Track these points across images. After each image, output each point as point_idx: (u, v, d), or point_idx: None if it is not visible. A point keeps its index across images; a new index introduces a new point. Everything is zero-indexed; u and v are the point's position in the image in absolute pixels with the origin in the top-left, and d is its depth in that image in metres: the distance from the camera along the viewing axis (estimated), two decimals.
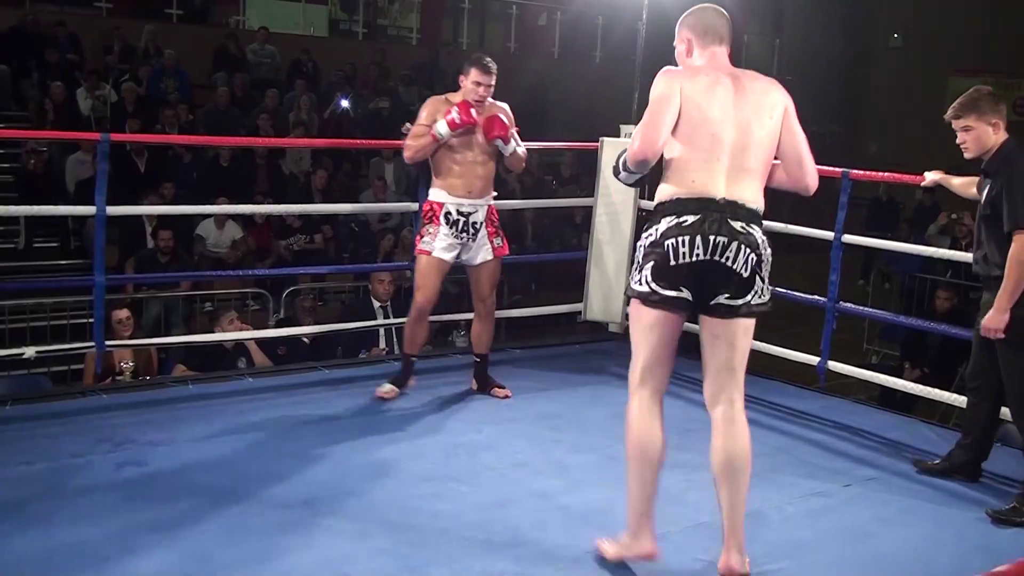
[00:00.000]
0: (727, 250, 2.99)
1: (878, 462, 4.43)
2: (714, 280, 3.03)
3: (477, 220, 4.83)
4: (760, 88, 3.15)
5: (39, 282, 8.76)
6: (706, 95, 3.07)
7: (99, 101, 11.34)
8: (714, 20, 3.25)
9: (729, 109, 3.07)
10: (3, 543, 3.18)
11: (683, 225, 3.00)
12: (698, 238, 2.99)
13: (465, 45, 16.80)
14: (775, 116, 3.13)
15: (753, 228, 3.04)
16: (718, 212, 3.00)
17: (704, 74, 3.13)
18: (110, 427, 4.31)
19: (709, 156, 3.04)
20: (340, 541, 3.33)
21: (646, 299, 3.08)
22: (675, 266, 3.01)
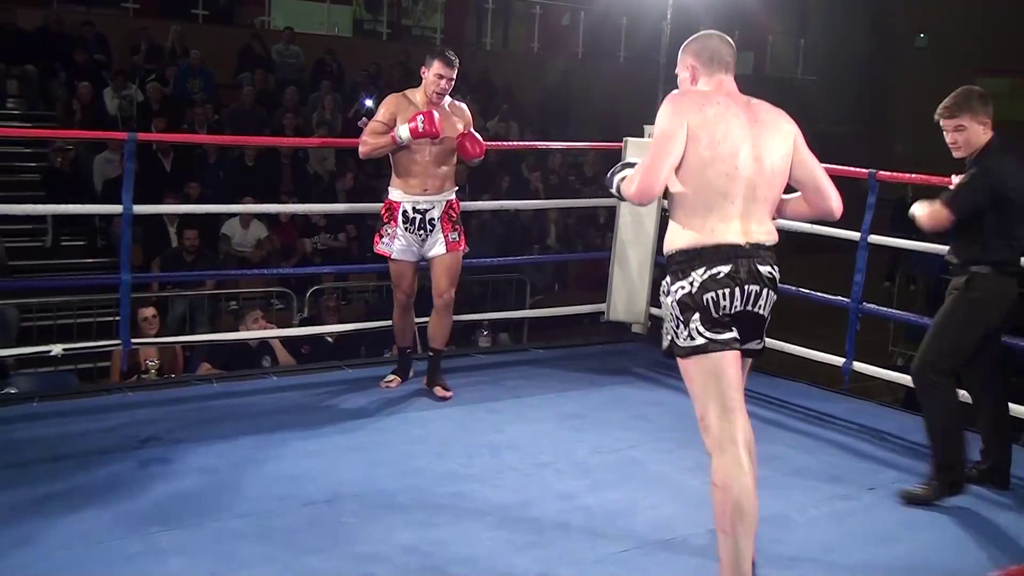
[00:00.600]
0: (759, 298, 2.93)
1: (903, 465, 4.40)
2: (748, 328, 2.96)
3: (434, 216, 4.79)
4: (771, 120, 3.02)
5: (66, 280, 8.84)
6: (718, 129, 2.91)
7: (125, 101, 11.42)
8: (720, 46, 3.11)
9: (743, 143, 2.92)
10: (29, 538, 3.22)
11: (718, 278, 2.88)
12: (737, 290, 2.89)
13: (489, 45, 16.81)
14: (787, 147, 3.00)
15: (775, 269, 2.97)
16: (747, 259, 2.90)
17: (715, 104, 2.96)
18: (136, 424, 4.35)
19: (725, 198, 2.90)
20: (364, 540, 3.35)
21: (705, 350, 2.93)
22: (719, 316, 2.91)
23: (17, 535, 3.23)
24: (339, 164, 11.47)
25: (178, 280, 8.64)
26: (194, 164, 10.57)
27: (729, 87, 3.07)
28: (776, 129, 3.00)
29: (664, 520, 3.64)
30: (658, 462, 4.19)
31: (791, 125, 3.05)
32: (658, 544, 3.45)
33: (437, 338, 4.99)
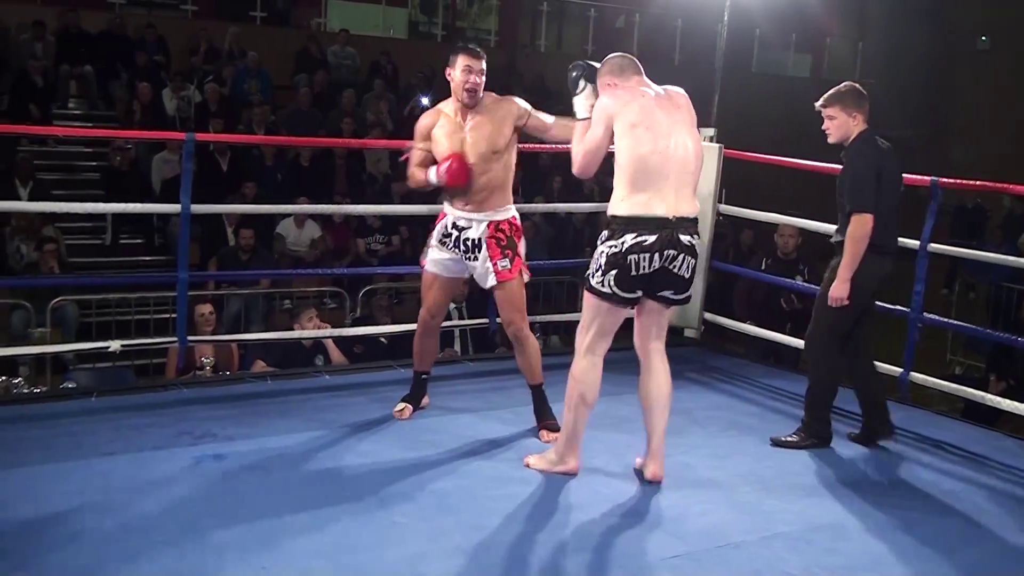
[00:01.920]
0: (675, 260, 3.68)
1: (962, 475, 4.32)
2: (661, 280, 3.72)
3: (471, 237, 4.35)
4: (683, 102, 3.79)
5: (124, 277, 8.98)
6: (646, 116, 3.67)
7: (184, 101, 11.60)
8: (622, 60, 3.89)
9: (671, 127, 3.68)
10: (82, 532, 3.27)
11: (643, 244, 3.64)
12: (656, 256, 3.65)
13: (543, 47, 16.82)
14: (695, 125, 3.80)
15: (695, 238, 3.73)
16: (670, 228, 3.64)
17: (641, 95, 3.73)
18: (191, 420, 4.40)
19: (659, 175, 3.65)
20: (415, 539, 3.35)
21: (607, 298, 3.74)
22: (634, 276, 3.68)
23: (71, 529, 3.28)
24: (394, 165, 11.52)
25: (234, 279, 8.74)
26: (250, 164, 10.70)
27: (645, 83, 3.83)
28: (689, 111, 3.80)
29: (715, 526, 3.60)
30: (709, 468, 4.15)
31: (685, 95, 3.84)
32: (709, 551, 3.41)
33: (528, 373, 4.52)
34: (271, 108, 11.88)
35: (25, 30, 11.76)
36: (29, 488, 3.58)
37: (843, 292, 4.32)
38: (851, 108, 4.38)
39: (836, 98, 4.42)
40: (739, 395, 5.33)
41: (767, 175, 7.57)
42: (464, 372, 5.44)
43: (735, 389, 5.42)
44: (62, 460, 3.86)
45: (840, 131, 4.41)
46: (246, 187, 9.84)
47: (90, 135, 11.37)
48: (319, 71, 12.95)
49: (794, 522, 3.68)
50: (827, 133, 4.43)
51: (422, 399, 4.73)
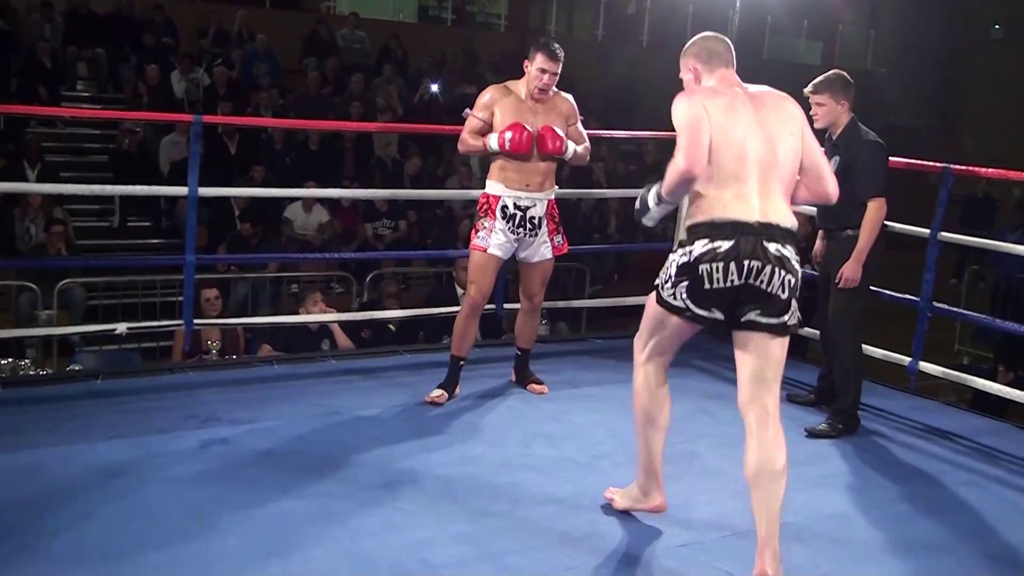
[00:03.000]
0: (761, 274, 3.02)
1: (971, 467, 4.30)
2: (746, 299, 3.06)
3: (536, 215, 4.57)
4: (778, 104, 3.21)
5: (132, 260, 8.99)
6: (727, 116, 3.11)
7: (192, 84, 11.58)
8: (716, 45, 3.31)
9: (752, 127, 3.11)
10: (89, 513, 3.26)
11: (717, 252, 3.03)
12: (732, 264, 3.02)
13: (553, 32, 16.74)
14: (795, 132, 3.17)
15: (787, 249, 3.06)
16: (753, 235, 3.03)
17: (722, 95, 3.17)
18: (197, 404, 4.39)
19: (737, 177, 3.07)
20: (420, 526, 3.34)
21: (679, 312, 3.16)
22: (709, 290, 3.06)
23: (79, 509, 3.28)
24: (403, 150, 11.51)
25: (241, 262, 8.73)
26: (259, 148, 10.68)
27: (731, 80, 3.27)
28: (783, 112, 3.19)
29: (722, 515, 3.59)
30: (717, 456, 4.13)
31: (798, 110, 3.25)
32: (715, 540, 3.40)
33: (525, 338, 4.87)
34: (280, 91, 11.86)
35: (34, 11, 11.76)
36: (35, 470, 3.57)
37: (857, 274, 4.46)
38: (839, 95, 4.52)
39: (826, 85, 4.54)
40: None
41: None
42: (471, 358, 5.40)
43: None
44: (68, 442, 3.86)
45: (828, 117, 4.54)
46: (254, 170, 9.82)
47: (99, 117, 11.36)
48: (328, 55, 12.92)
49: (801, 512, 3.66)
50: (815, 118, 4.48)
51: (457, 387, 4.72)
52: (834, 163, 4.43)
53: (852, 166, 4.46)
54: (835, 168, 4.33)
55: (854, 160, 4.48)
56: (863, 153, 4.50)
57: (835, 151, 4.54)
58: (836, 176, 4.19)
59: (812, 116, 4.46)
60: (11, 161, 9.50)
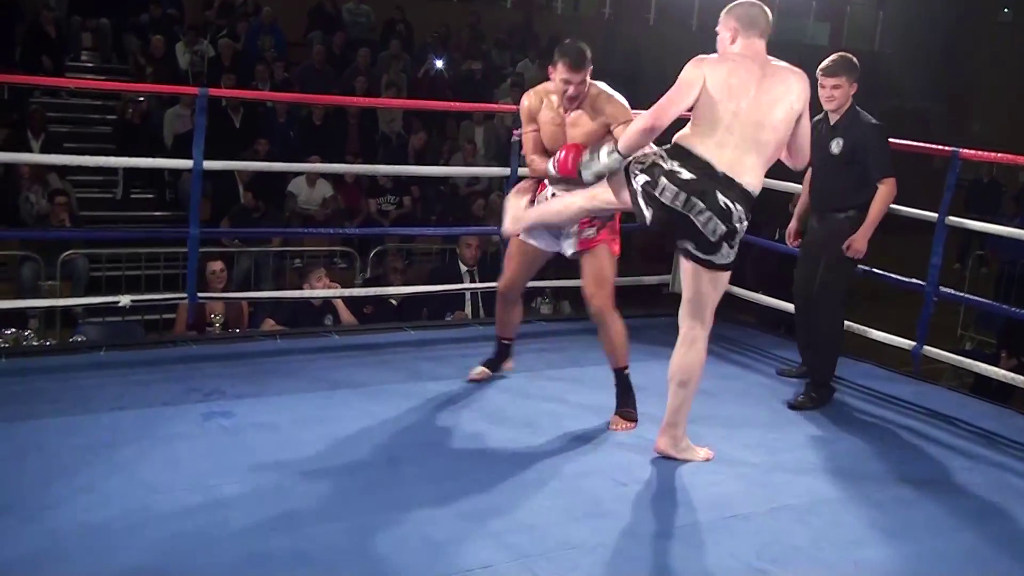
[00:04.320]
0: (702, 214, 3.48)
1: (972, 452, 4.29)
2: (681, 230, 3.54)
3: None
4: (784, 78, 3.57)
5: (136, 232, 8.97)
6: (730, 76, 3.50)
7: (197, 56, 11.52)
8: (758, 14, 3.64)
9: (751, 89, 3.50)
10: (91, 485, 3.27)
11: (679, 176, 3.48)
12: (682, 193, 3.47)
13: (560, 9, 16.65)
14: (795, 106, 3.56)
15: (735, 206, 3.49)
16: (713, 183, 3.47)
17: (732, 61, 3.55)
18: (200, 377, 4.39)
19: (725, 129, 3.48)
20: (423, 503, 3.34)
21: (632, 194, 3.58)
22: (655, 197, 3.52)
23: (81, 482, 3.28)
24: (407, 125, 11.46)
25: (245, 236, 8.72)
26: (263, 121, 10.64)
27: (758, 49, 3.60)
28: (785, 84, 3.56)
29: (724, 497, 3.59)
30: (719, 438, 4.12)
31: (804, 89, 3.60)
32: (717, 520, 3.40)
33: (611, 355, 4.25)
34: (284, 65, 11.81)
35: None
36: (38, 441, 3.58)
37: (865, 247, 4.56)
38: (853, 78, 4.56)
39: (842, 67, 4.55)
40: (749, 365, 5.30)
41: None
42: (474, 335, 5.41)
43: (745, 359, 5.40)
44: (71, 414, 3.86)
45: (842, 99, 4.56)
46: (258, 144, 9.78)
47: (103, 88, 11.31)
48: (334, 29, 12.85)
49: (802, 495, 3.67)
50: (829, 100, 4.55)
51: (502, 364, 4.70)
52: (836, 145, 4.56)
53: (857, 149, 4.53)
54: (838, 150, 4.56)
55: (859, 143, 4.53)
56: (870, 136, 4.54)
57: (835, 133, 4.58)
58: (840, 158, 4.56)
59: (828, 98, 4.54)
60: (14, 131, 9.46)
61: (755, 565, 3.13)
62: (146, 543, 2.96)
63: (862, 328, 5.28)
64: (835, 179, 4.64)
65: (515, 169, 5.46)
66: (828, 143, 4.61)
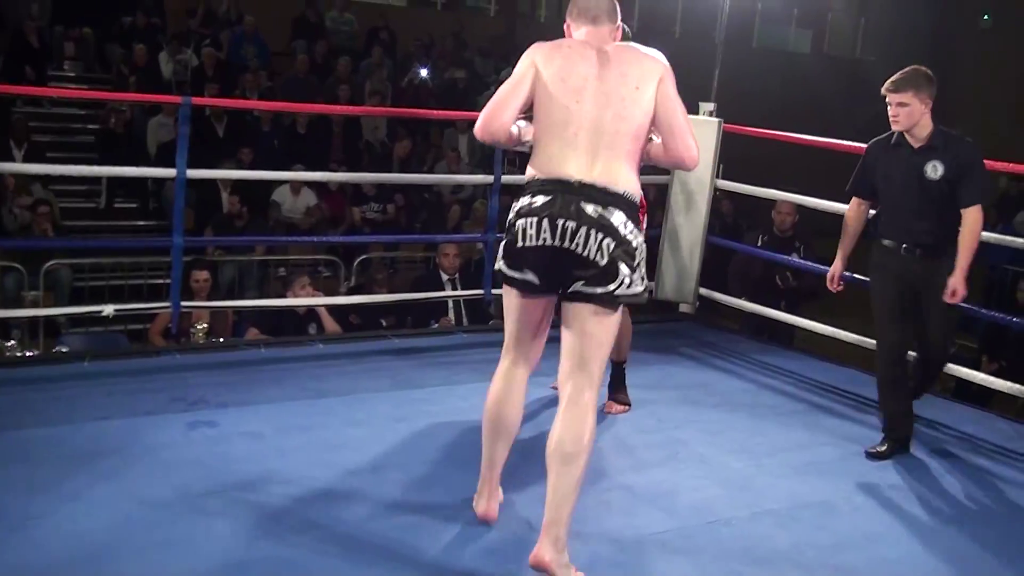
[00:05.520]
0: (576, 236, 2.88)
1: (953, 455, 4.33)
2: (567, 266, 2.92)
3: None
4: (629, 59, 3.04)
5: (119, 242, 8.95)
6: (564, 68, 3.01)
7: (180, 65, 11.52)
8: (587, 3, 3.15)
9: (590, 82, 2.99)
10: (76, 495, 3.26)
11: (533, 207, 2.93)
12: (545, 221, 2.90)
13: (543, 18, 16.70)
14: (646, 88, 2.99)
15: (611, 212, 2.90)
16: (571, 195, 2.90)
17: (567, 47, 3.07)
18: (184, 387, 4.39)
19: (564, 132, 2.97)
20: (407, 510, 3.35)
21: (500, 276, 3.06)
22: (521, 248, 2.95)
23: (65, 492, 3.28)
24: (391, 133, 11.48)
25: (229, 244, 8.71)
26: (247, 130, 10.64)
27: (593, 36, 3.11)
28: (634, 67, 3.02)
29: (707, 502, 3.62)
30: (703, 443, 4.16)
31: (656, 65, 3.05)
32: (700, 526, 3.42)
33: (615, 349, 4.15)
34: (268, 74, 11.81)
35: None
36: (21, 452, 3.57)
37: (964, 285, 4.02)
38: (924, 94, 4.05)
39: (909, 82, 4.05)
40: (732, 371, 5.33)
41: (765, 150, 7.55)
42: (459, 343, 5.43)
43: (729, 365, 5.42)
44: (55, 424, 3.85)
45: (910, 119, 4.06)
46: (242, 152, 9.78)
47: (86, 97, 11.30)
48: (317, 38, 12.87)
49: (784, 499, 3.69)
50: (894, 121, 4.09)
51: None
52: (933, 169, 4.04)
53: (955, 173, 4.02)
54: (936, 175, 4.03)
55: (963, 164, 4.03)
56: (971, 158, 4.06)
57: (931, 155, 4.05)
58: (940, 184, 4.03)
59: (893, 118, 4.09)
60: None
61: (737, 570, 3.15)
62: (131, 552, 2.96)
63: (842, 332, 5.31)
64: (933, 209, 4.07)
65: (498, 176, 5.49)
66: (921, 168, 4.07)
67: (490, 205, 5.66)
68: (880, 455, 4.19)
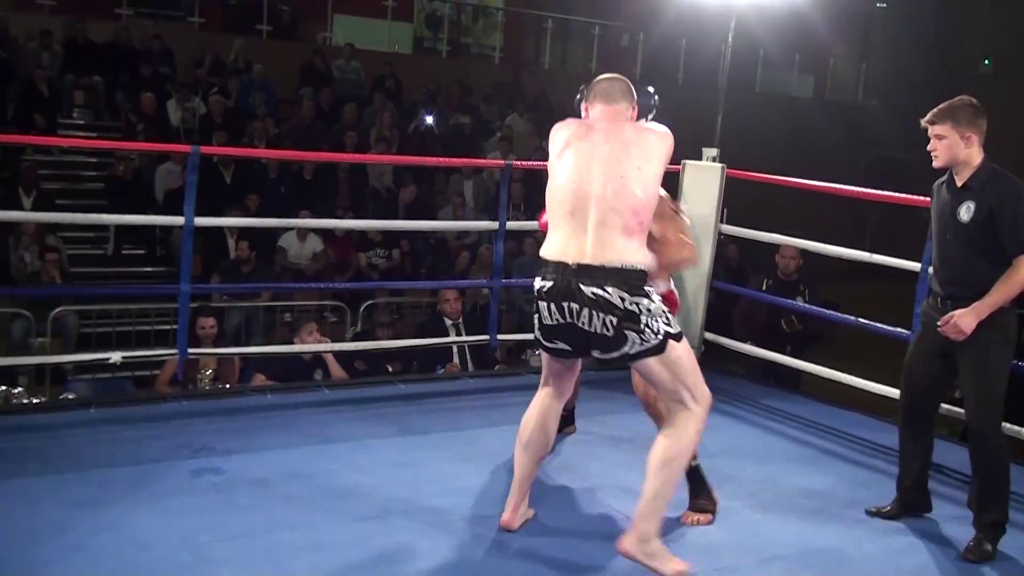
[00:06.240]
0: (580, 316, 3.10)
1: (963, 500, 4.29)
2: (582, 339, 3.15)
3: None
4: (633, 138, 3.16)
5: (127, 288, 8.98)
6: (569, 146, 3.19)
7: (188, 113, 11.63)
8: (600, 84, 3.38)
9: (593, 163, 3.12)
10: (81, 543, 3.26)
11: (542, 291, 3.17)
12: (552, 305, 3.14)
13: (547, 64, 16.85)
14: (647, 168, 3.12)
15: (608, 291, 3.05)
16: (571, 277, 3.09)
17: (574, 126, 3.28)
18: (190, 433, 4.39)
19: (564, 213, 3.13)
20: (413, 557, 3.34)
21: (537, 343, 3.34)
22: (545, 325, 3.22)
23: (70, 539, 3.28)
24: (397, 180, 11.55)
25: (235, 291, 8.74)
26: (254, 177, 10.71)
27: (603, 113, 3.31)
28: (636, 145, 3.14)
29: (712, 547, 3.59)
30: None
31: (661, 143, 3.19)
32: (706, 572, 3.40)
33: None
34: (275, 121, 11.91)
35: (33, 39, 11.82)
36: (27, 499, 3.57)
37: (970, 327, 3.60)
38: (965, 127, 3.73)
39: (947, 114, 3.76)
40: (738, 415, 5.32)
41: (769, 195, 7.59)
42: (464, 388, 5.43)
43: (734, 409, 5.41)
44: (60, 471, 3.85)
45: (948, 153, 3.73)
46: (249, 199, 9.84)
47: (95, 146, 11.40)
48: (324, 85, 13.00)
49: (792, 545, 3.67)
50: (933, 155, 3.79)
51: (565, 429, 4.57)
52: (966, 211, 3.68)
53: (996, 216, 3.62)
54: (968, 217, 3.67)
55: (999, 209, 3.62)
56: (1010, 200, 3.63)
57: (966, 195, 3.71)
58: (970, 228, 3.64)
59: (932, 153, 3.79)
60: (6, 188, 9.51)
61: None
62: None
63: (847, 377, 5.30)
64: (965, 255, 3.70)
65: (503, 222, 5.52)
66: (956, 209, 3.72)
67: (495, 251, 5.69)
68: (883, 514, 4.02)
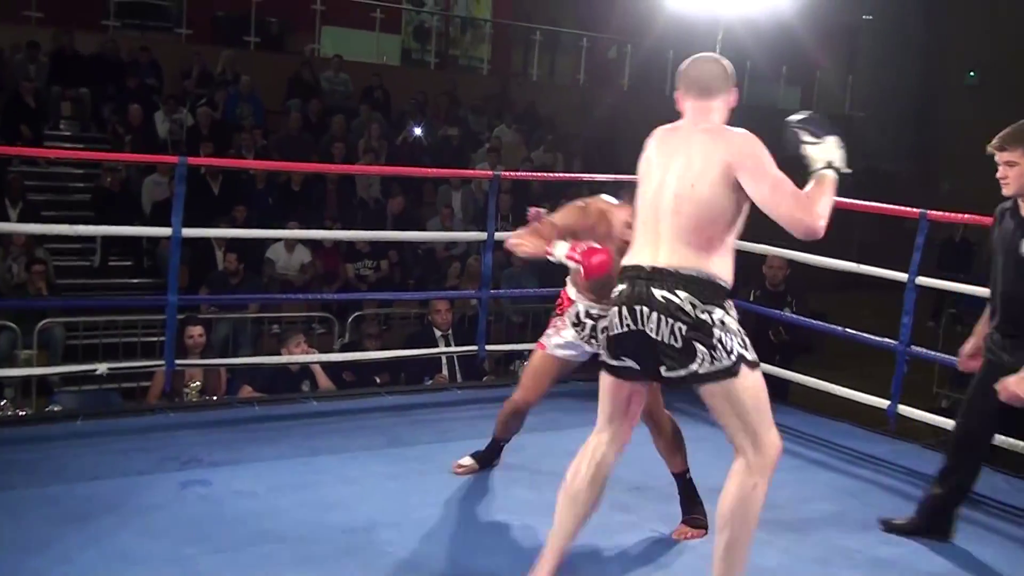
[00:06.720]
0: (648, 320, 2.92)
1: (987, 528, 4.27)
2: (650, 351, 2.95)
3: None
4: (705, 141, 2.99)
5: (114, 300, 8.94)
6: (651, 153, 3.09)
7: (176, 124, 11.61)
8: (697, 73, 3.12)
9: (667, 166, 3.01)
10: (67, 557, 3.24)
11: (615, 296, 3.03)
12: (624, 308, 2.97)
13: (535, 76, 16.89)
14: (711, 175, 2.92)
15: (678, 295, 2.89)
16: (644, 279, 2.95)
17: (663, 133, 3.13)
18: (177, 445, 4.37)
19: (644, 220, 3.04)
20: (401, 568, 3.33)
21: (603, 366, 3.13)
22: (613, 336, 3.03)
23: (56, 553, 3.25)
24: (385, 190, 11.55)
25: (223, 302, 8.72)
26: (241, 188, 10.70)
27: (695, 113, 3.10)
28: (711, 147, 2.96)
29: (705, 559, 3.56)
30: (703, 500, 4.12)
31: (726, 151, 2.95)
32: None
33: (668, 461, 4.01)
34: (263, 132, 11.90)
35: (19, 51, 11.79)
36: (12, 513, 3.55)
37: None
38: None
39: (1017, 139, 3.53)
40: None
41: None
42: (453, 399, 5.42)
43: None
44: (46, 484, 3.83)
45: (1020, 181, 3.54)
46: (237, 211, 9.82)
47: (82, 157, 11.37)
48: (312, 96, 12.99)
49: (779, 557, 3.67)
50: (1003, 183, 3.61)
51: (494, 462, 4.41)
52: None
53: None
54: None
55: None
56: None
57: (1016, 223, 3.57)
58: None
59: (1002, 180, 3.63)
60: None
61: None
62: None
63: (835, 387, 5.32)
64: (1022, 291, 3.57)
65: (491, 233, 5.52)
66: (1018, 241, 3.57)
67: (484, 262, 5.69)
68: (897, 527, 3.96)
